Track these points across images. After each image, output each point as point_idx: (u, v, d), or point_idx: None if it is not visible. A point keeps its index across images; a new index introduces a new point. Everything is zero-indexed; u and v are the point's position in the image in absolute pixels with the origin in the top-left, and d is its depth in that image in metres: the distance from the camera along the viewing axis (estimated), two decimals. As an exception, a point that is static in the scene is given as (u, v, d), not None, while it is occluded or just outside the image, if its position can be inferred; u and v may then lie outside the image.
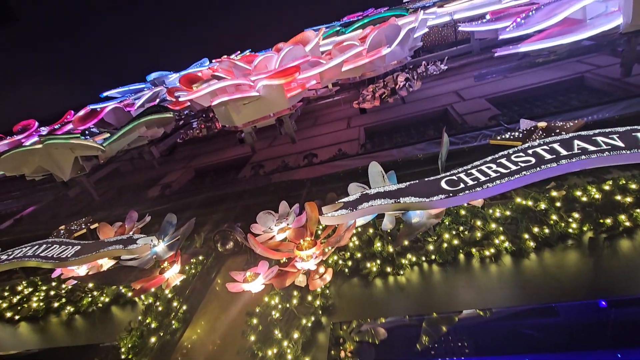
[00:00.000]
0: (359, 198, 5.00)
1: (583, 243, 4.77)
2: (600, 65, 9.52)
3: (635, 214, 4.56)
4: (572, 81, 9.55)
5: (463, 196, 4.46)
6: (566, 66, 10.22)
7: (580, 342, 5.46)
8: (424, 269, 5.19)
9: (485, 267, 4.94)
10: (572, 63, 10.23)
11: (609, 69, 9.01)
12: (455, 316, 4.85)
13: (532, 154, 4.71)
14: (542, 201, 4.82)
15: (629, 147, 4.24)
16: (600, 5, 7.51)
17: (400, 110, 11.00)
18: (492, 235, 4.91)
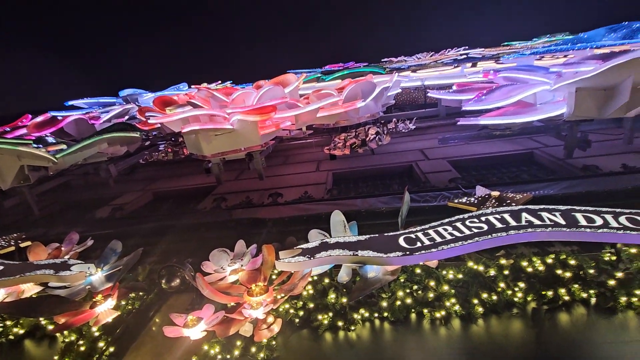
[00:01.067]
0: (318, 246, 4.93)
1: (527, 313, 4.93)
2: (547, 145, 10.57)
3: (573, 289, 4.84)
4: (524, 155, 10.47)
5: (419, 255, 4.53)
6: (519, 141, 11.25)
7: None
8: (375, 325, 5.08)
9: (435, 329, 4.92)
10: (524, 139, 11.28)
11: (554, 148, 10.02)
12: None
13: (485, 221, 4.96)
14: (492, 268, 5.01)
15: (568, 225, 4.59)
16: (549, 94, 8.50)
17: (369, 160, 11.38)
18: (443, 297, 4.96)
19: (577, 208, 4.93)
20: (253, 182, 10.71)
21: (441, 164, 10.35)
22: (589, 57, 9.96)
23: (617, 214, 4.71)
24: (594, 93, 7.41)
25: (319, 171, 11.39)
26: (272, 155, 12.67)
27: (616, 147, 9.38)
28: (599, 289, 4.77)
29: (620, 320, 4.66)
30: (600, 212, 4.79)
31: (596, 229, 4.46)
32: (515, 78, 8.72)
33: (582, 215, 4.77)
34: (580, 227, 4.55)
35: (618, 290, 4.68)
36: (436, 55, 31.39)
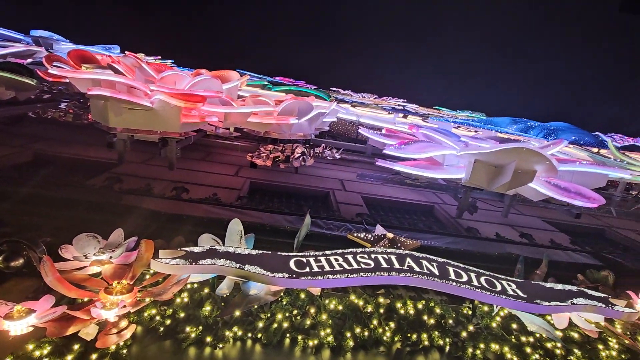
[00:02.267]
0: (204, 252, 4.60)
1: (392, 352, 5.21)
2: (446, 202, 11.85)
3: (434, 335, 5.29)
4: (425, 207, 11.56)
5: (304, 281, 4.51)
6: (425, 194, 12.43)
7: None
8: (246, 346, 4.83)
9: (305, 357, 4.88)
10: (429, 193, 12.51)
11: (450, 207, 11.26)
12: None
13: (374, 258, 5.20)
14: (370, 304, 5.22)
15: (440, 276, 5.05)
16: (455, 159, 9.61)
17: (289, 178, 11.37)
18: (320, 326, 4.98)
19: (452, 262, 5.48)
20: (160, 171, 9.79)
21: (355, 198, 10.82)
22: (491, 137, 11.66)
23: (479, 274, 5.35)
24: (487, 167, 8.57)
25: (237, 176, 10.97)
26: (191, 148, 11.82)
27: (495, 217, 10.94)
28: (454, 338, 5.30)
29: (464, 369, 5.21)
30: (467, 269, 5.40)
31: (460, 284, 4.99)
32: (432, 137, 9.69)
33: (453, 269, 5.31)
34: (449, 279, 5.05)
35: (467, 341, 5.25)
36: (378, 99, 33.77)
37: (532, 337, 5.29)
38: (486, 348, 5.28)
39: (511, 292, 5.06)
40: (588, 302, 5.08)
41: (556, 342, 5.40)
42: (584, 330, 5.12)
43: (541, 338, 5.34)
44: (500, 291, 5.07)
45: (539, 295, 5.08)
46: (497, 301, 4.97)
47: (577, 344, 5.47)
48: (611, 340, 5.56)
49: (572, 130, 25.53)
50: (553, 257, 7.70)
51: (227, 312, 4.45)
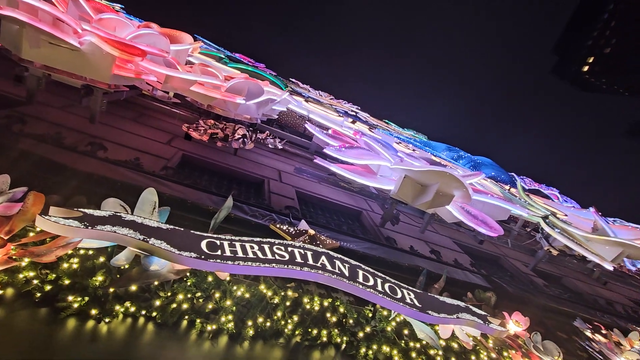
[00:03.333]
0: (107, 217, 4.18)
1: (290, 345, 5.29)
2: (374, 211, 12.42)
3: (333, 332, 5.49)
4: (354, 211, 11.99)
5: (213, 263, 4.34)
6: (356, 199, 12.90)
7: None
8: (137, 323, 4.50)
9: (200, 341, 4.70)
10: (360, 199, 13.01)
11: (376, 215, 11.84)
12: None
13: (289, 252, 5.22)
14: (278, 296, 5.23)
15: (349, 278, 5.25)
16: (388, 171, 10.12)
17: (226, 158, 10.93)
18: (222, 312, 4.85)
19: (363, 267, 5.74)
20: (78, 121, 8.69)
21: (289, 190, 10.79)
22: (425, 158, 12.55)
23: (385, 280, 5.68)
24: (414, 184, 9.17)
25: (169, 145, 10.22)
26: (121, 104, 10.75)
27: (414, 232, 11.78)
28: (351, 337, 5.56)
29: (354, 366, 5.50)
30: (376, 275, 5.70)
31: (366, 287, 5.24)
32: (372, 147, 10.08)
33: (363, 272, 5.57)
34: (357, 282, 5.27)
35: (362, 342, 5.55)
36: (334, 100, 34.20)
37: (419, 343, 5.77)
38: (378, 349, 5.64)
39: (409, 301, 5.47)
40: (470, 318, 5.70)
41: (438, 350, 5.98)
42: (462, 342, 5.73)
43: (426, 345, 5.86)
44: (400, 298, 5.44)
45: (431, 306, 5.57)
46: (395, 307, 5.33)
47: (455, 353, 6.12)
48: (482, 353, 6.32)
49: (494, 167, 28.70)
50: (452, 275, 8.53)
51: (120, 283, 4.10)
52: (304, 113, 17.09)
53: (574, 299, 11.36)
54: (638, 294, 16.16)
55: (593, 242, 11.33)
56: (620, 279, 17.02)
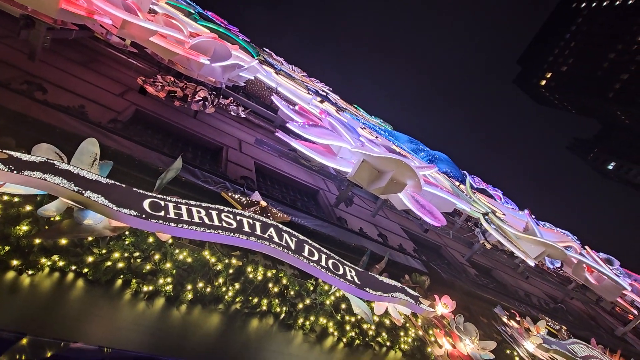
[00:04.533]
0: (37, 163, 3.85)
1: (229, 311, 5.33)
2: (331, 191, 12.61)
3: (273, 302, 5.61)
4: (311, 189, 12.10)
5: (154, 223, 4.19)
6: (315, 177, 12.99)
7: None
8: (65, 279, 4.28)
9: (135, 301, 4.59)
10: (319, 178, 13.12)
11: (332, 195, 12.04)
12: (63, 345, 4.09)
13: (238, 220, 5.17)
14: (222, 263, 5.20)
15: (295, 251, 5.34)
16: (349, 154, 10.26)
17: (184, 120, 10.41)
18: (160, 274, 4.74)
19: (310, 242, 5.86)
20: (13, 55, 7.74)
21: (247, 161, 10.59)
22: (386, 146, 12.87)
23: (329, 257, 5.87)
24: (370, 170, 9.40)
25: (122, 98, 9.49)
26: (69, 45, 9.70)
27: (366, 215, 12.18)
28: (290, 308, 5.73)
29: (291, 337, 5.70)
30: (321, 251, 5.86)
31: (310, 261, 5.38)
32: (335, 128, 10.11)
33: (309, 247, 5.69)
34: (302, 256, 5.39)
35: (300, 313, 5.74)
36: (307, 77, 33.51)
37: (354, 317, 6.10)
38: (315, 321, 5.88)
39: (349, 277, 5.71)
40: (404, 297, 6.10)
41: (371, 325, 6.37)
42: (393, 319, 6.14)
43: (360, 320, 6.21)
44: (342, 274, 5.66)
45: (370, 284, 5.87)
46: (336, 282, 5.54)
47: (386, 329, 6.56)
48: (410, 330, 6.84)
49: (449, 163, 30.20)
50: (394, 257, 9.02)
51: (48, 235, 3.84)
52: (273, 85, 16.61)
53: (498, 289, 12.57)
54: (552, 289, 18.25)
55: (522, 240, 12.50)
56: (540, 275, 19.07)
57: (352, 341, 6.17)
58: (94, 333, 4.09)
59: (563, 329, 10.54)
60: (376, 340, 6.52)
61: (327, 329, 5.97)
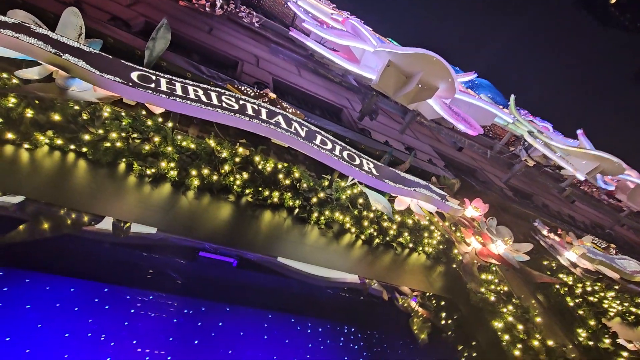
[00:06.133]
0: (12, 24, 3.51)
1: (240, 203, 5.15)
2: (355, 109, 11.79)
3: (286, 195, 5.34)
4: (336, 109, 11.35)
5: (141, 92, 3.83)
6: (338, 96, 12.13)
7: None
8: (67, 158, 4.18)
9: (139, 185, 4.47)
10: (342, 97, 12.23)
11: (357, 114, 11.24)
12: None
13: (241, 104, 4.73)
14: (226, 150, 4.89)
15: (305, 138, 4.88)
16: (373, 59, 9.24)
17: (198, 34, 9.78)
18: (162, 157, 4.53)
19: (323, 132, 5.35)
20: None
21: (264, 76, 9.94)
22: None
23: (344, 148, 5.36)
24: (397, 73, 8.43)
25: (130, 9, 8.94)
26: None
27: (393, 134, 11.35)
28: (303, 202, 5.45)
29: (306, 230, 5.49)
30: (335, 142, 5.35)
31: (321, 149, 4.92)
32: (357, 31, 9.02)
33: (321, 137, 5.20)
34: (313, 143, 4.93)
35: (314, 207, 5.45)
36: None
37: (372, 213, 5.73)
38: (330, 216, 5.59)
39: (366, 168, 5.23)
40: (427, 193, 5.57)
41: (392, 224, 6.00)
42: (416, 214, 5.71)
43: (380, 217, 5.84)
44: (358, 165, 5.18)
45: (389, 176, 5.37)
46: (351, 172, 5.09)
47: (409, 229, 6.18)
48: (435, 232, 6.42)
49: (492, 90, 27.44)
50: (422, 166, 8.38)
51: (23, 90, 3.62)
52: None
53: (540, 209, 11.66)
54: (600, 218, 16.89)
55: (572, 157, 11.21)
56: (588, 202, 17.60)
57: (371, 239, 5.90)
58: (101, 206, 4.05)
59: (611, 247, 9.69)
60: (398, 241, 6.20)
61: (343, 224, 5.69)
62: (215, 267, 6.23)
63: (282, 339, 6.56)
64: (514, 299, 5.40)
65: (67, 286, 5.46)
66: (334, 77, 10.32)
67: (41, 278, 5.35)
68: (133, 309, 5.71)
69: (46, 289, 5.28)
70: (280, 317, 6.86)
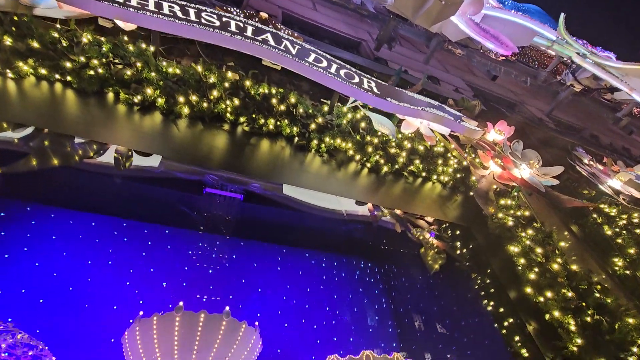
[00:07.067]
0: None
1: (236, 132, 4.98)
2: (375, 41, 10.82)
3: (283, 123, 5.06)
4: (353, 43, 10.51)
5: (107, 6, 3.58)
6: (357, 29, 11.16)
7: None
8: (54, 89, 4.18)
9: (129, 114, 4.42)
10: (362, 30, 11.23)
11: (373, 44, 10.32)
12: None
13: (223, 21, 4.37)
14: (214, 75, 4.62)
15: (297, 56, 4.47)
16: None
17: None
18: (147, 84, 4.39)
19: (318, 50, 4.89)
20: None
21: (271, 9, 9.29)
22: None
23: (342, 66, 4.89)
24: (416, -11, 7.40)
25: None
26: None
27: (417, 66, 10.35)
28: (302, 128, 5.15)
29: (306, 159, 5.26)
30: (332, 60, 4.88)
31: (314, 67, 4.50)
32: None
33: (316, 55, 4.75)
34: (305, 61, 4.51)
35: (313, 133, 5.15)
36: None
37: (377, 139, 5.32)
38: (331, 144, 5.27)
39: (366, 86, 4.75)
40: (439, 113, 5.01)
41: (400, 151, 5.57)
42: (426, 137, 5.22)
43: (386, 143, 5.42)
44: (357, 83, 4.72)
45: (392, 95, 4.86)
46: (348, 90, 4.67)
47: (420, 156, 5.72)
48: (451, 159, 5.90)
49: (542, 16, 24.05)
50: (442, 92, 7.61)
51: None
52: None
53: (586, 140, 10.39)
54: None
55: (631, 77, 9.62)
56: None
57: (378, 167, 5.54)
58: (98, 132, 4.09)
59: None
60: (408, 170, 5.80)
61: (346, 152, 5.37)
62: (224, 204, 6.34)
63: (295, 271, 6.69)
64: (535, 223, 4.90)
65: (89, 221, 5.81)
66: (350, 3, 9.36)
67: (65, 214, 5.72)
68: (150, 241, 6.01)
69: (69, 223, 5.65)
70: (294, 251, 6.95)
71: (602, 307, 3.82)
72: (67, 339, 4.54)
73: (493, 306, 4.74)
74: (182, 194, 6.18)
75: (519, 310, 4.36)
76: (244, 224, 6.57)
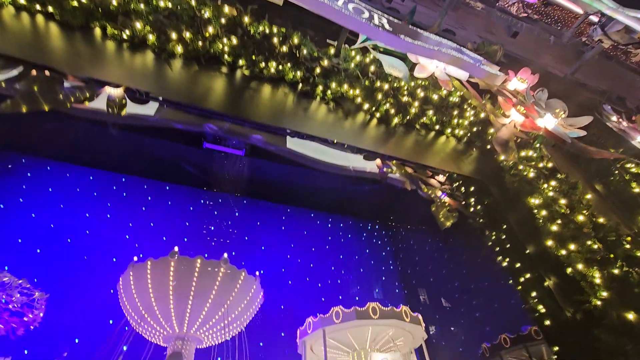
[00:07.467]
0: None
1: (235, 75, 4.61)
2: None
3: (285, 67, 4.65)
4: None
5: None
6: None
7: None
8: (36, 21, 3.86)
9: (119, 51, 4.09)
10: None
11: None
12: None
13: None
14: (208, 9, 4.21)
15: None
16: None
17: None
18: (135, 17, 4.01)
19: None
20: None
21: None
22: None
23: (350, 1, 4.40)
24: None
25: None
26: None
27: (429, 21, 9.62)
28: (306, 73, 4.74)
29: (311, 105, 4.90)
30: None
31: None
32: None
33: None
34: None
35: (318, 79, 4.74)
36: None
37: (387, 84, 4.90)
38: (338, 90, 4.86)
39: (377, 22, 4.29)
40: (457, 55, 4.54)
41: (414, 101, 5.15)
42: (440, 82, 4.78)
43: (396, 89, 4.99)
44: (367, 18, 4.25)
45: (406, 32, 4.39)
46: (356, 25, 4.21)
47: (434, 106, 5.29)
48: (467, 110, 5.46)
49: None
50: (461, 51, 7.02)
51: None
52: None
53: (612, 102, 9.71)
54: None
55: (666, 31, 8.79)
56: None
57: (388, 118, 5.15)
58: (84, 67, 3.80)
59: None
60: (421, 122, 5.39)
61: (354, 100, 4.97)
62: (226, 160, 6.07)
63: (300, 231, 6.49)
64: (559, 174, 4.52)
65: (86, 174, 5.62)
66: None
67: (61, 166, 5.53)
68: (150, 196, 5.83)
69: (66, 176, 5.48)
70: (299, 211, 6.72)
71: (632, 259, 3.49)
72: (65, 289, 4.45)
73: (509, 262, 4.45)
74: (181, 147, 5.92)
75: (538, 264, 4.07)
76: (247, 182, 6.32)
